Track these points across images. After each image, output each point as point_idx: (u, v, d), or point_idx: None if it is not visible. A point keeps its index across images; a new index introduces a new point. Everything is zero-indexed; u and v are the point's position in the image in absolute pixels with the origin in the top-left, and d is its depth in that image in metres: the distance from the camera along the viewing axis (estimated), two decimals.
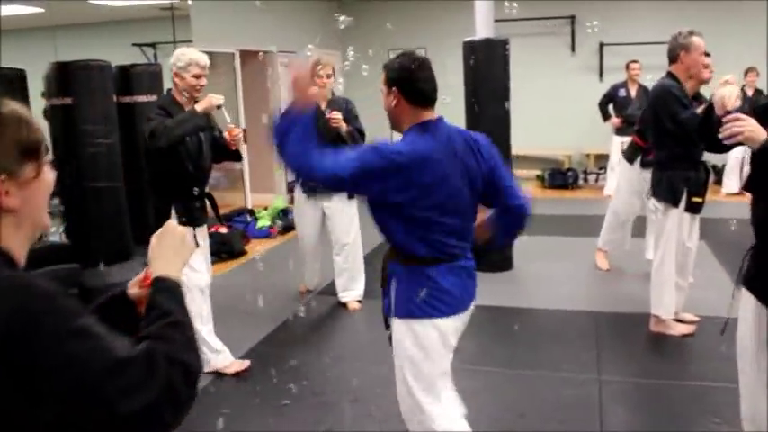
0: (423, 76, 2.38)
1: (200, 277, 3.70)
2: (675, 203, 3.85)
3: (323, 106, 4.68)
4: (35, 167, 1.13)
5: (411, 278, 2.37)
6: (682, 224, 3.92)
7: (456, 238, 2.38)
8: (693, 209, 3.89)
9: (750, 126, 2.22)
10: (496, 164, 2.47)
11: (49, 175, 1.17)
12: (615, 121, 7.62)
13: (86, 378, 1.00)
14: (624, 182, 5.34)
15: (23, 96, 5.54)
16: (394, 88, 2.34)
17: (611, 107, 7.84)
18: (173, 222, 1.43)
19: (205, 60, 3.67)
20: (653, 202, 4.04)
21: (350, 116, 4.65)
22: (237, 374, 3.76)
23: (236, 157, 4.05)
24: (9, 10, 6.45)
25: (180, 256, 1.34)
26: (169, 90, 3.78)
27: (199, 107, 3.55)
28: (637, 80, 7.51)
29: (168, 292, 1.24)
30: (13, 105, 1.13)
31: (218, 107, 3.66)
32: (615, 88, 7.78)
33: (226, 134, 3.80)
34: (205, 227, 3.92)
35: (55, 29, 5.93)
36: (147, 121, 3.55)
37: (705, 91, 3.97)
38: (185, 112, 3.56)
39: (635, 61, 7.61)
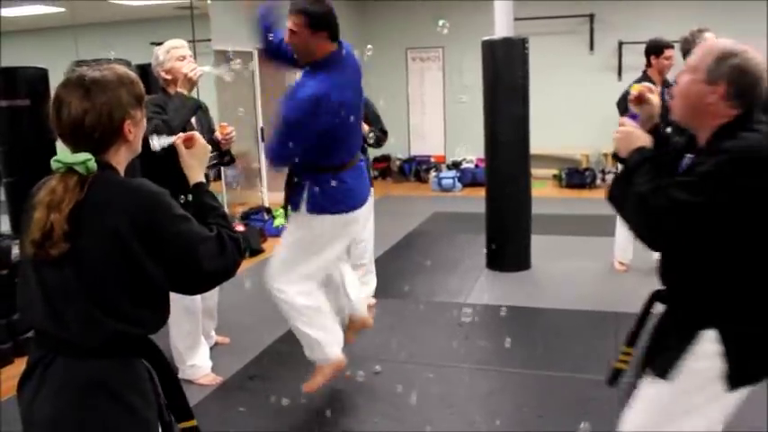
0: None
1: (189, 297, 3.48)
2: None
3: None
4: (141, 112, 1.67)
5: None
6: None
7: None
8: None
9: (620, 133, 1.97)
10: None
11: (144, 118, 1.70)
12: None
13: (189, 245, 1.57)
14: None
15: (46, 95, 5.60)
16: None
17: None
18: (197, 134, 1.87)
19: (182, 41, 3.53)
20: None
21: (372, 117, 4.59)
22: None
23: (229, 160, 3.86)
24: (31, 10, 6.53)
25: (204, 163, 1.87)
26: (162, 89, 3.58)
27: (182, 89, 3.39)
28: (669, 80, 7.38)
29: (208, 194, 1.81)
30: (128, 70, 1.65)
31: (201, 75, 3.45)
32: None
33: (217, 132, 3.64)
34: None
35: (76, 28, 5.99)
36: (147, 122, 3.47)
37: None
38: (173, 101, 3.39)
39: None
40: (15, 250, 4.30)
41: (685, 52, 3.93)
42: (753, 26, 8.60)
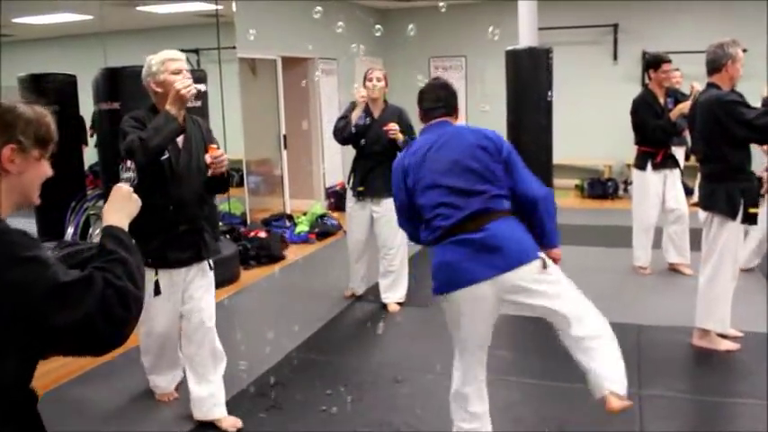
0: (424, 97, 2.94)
1: (153, 324, 3.31)
2: (734, 216, 3.77)
3: (375, 115, 4.74)
4: (40, 153, 1.46)
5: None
6: (738, 236, 3.85)
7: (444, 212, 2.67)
8: (750, 220, 3.82)
9: None
10: (509, 157, 2.82)
11: (47, 168, 1.49)
12: None
13: (27, 298, 1.26)
14: (642, 190, 5.53)
15: (73, 100, 5.70)
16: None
17: None
18: (120, 185, 1.72)
19: (179, 53, 3.11)
20: (703, 215, 3.96)
21: (404, 126, 4.68)
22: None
23: (223, 187, 3.36)
24: (60, 17, 6.64)
25: (126, 210, 1.64)
26: (152, 106, 3.14)
27: (170, 107, 2.92)
28: (678, 89, 7.29)
29: (113, 237, 1.51)
30: (42, 109, 1.48)
31: (196, 93, 3.01)
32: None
33: (207, 156, 3.12)
34: (186, 270, 3.23)
35: (104, 35, 6.08)
36: (122, 138, 2.95)
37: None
38: (158, 117, 2.94)
39: (676, 69, 7.40)
40: None
41: (710, 63, 3.87)
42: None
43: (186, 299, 3.26)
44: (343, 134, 4.73)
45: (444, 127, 2.86)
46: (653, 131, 5.28)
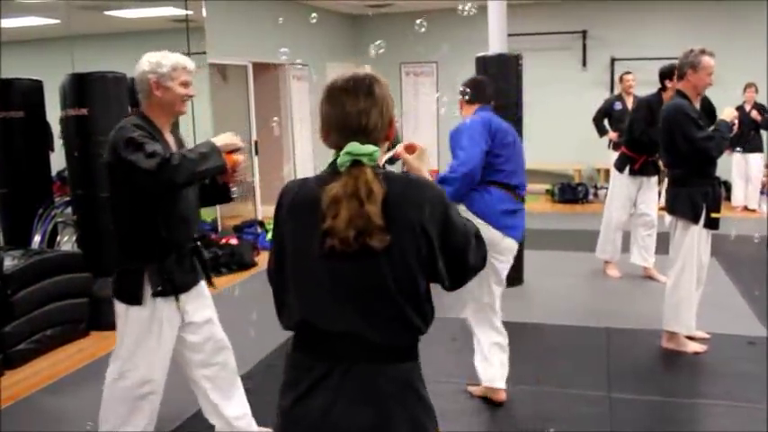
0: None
1: (142, 370, 2.75)
2: (696, 220, 3.85)
3: None
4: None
5: None
6: (701, 240, 3.92)
7: None
8: (712, 225, 3.89)
9: None
10: None
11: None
12: (612, 135, 7.41)
13: (467, 239, 1.59)
14: (616, 190, 5.70)
15: (40, 106, 5.61)
16: None
17: (606, 121, 7.68)
18: (422, 147, 1.81)
19: (192, 64, 2.79)
20: (668, 219, 4.03)
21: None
22: None
23: (226, 196, 3.07)
24: (27, 21, 6.53)
25: (428, 164, 1.80)
26: (136, 109, 2.77)
27: (219, 141, 2.68)
28: (632, 92, 7.33)
29: None
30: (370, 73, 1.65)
31: (238, 149, 2.82)
32: (610, 102, 7.56)
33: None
34: (195, 289, 2.88)
35: (72, 40, 6.00)
36: (125, 145, 2.48)
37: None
38: (204, 144, 2.64)
39: (628, 72, 7.43)
40: (8, 261, 4.28)
41: (677, 70, 3.97)
42: (744, 43, 8.71)
43: (193, 328, 2.89)
44: None
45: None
46: (640, 135, 5.35)
